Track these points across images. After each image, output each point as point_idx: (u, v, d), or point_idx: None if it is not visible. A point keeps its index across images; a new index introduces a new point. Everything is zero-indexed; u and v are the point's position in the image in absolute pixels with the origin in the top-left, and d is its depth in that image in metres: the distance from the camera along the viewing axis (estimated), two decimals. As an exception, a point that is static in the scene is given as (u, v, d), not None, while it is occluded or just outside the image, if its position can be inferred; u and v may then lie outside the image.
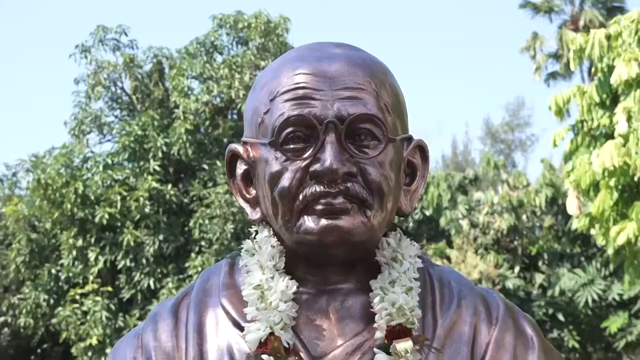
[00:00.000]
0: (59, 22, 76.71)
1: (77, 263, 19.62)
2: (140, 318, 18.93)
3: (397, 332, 1.63)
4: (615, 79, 10.27)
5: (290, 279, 1.68)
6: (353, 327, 1.69)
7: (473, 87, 73.20)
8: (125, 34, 21.50)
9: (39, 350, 23.19)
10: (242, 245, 1.77)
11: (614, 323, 21.19)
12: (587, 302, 21.42)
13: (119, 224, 19.53)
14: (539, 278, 22.57)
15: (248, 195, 1.78)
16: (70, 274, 19.63)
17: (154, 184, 19.52)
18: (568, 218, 21.14)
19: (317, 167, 1.63)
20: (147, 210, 19.33)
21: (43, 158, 20.38)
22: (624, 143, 10.11)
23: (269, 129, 1.68)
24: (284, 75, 1.68)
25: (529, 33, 32.88)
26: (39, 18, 75.08)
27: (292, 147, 1.65)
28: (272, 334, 1.63)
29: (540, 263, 23.21)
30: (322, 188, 1.63)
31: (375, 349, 1.65)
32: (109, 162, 20.35)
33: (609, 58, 10.83)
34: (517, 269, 22.47)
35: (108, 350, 18.56)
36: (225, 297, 1.74)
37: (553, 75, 32.52)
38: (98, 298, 19.09)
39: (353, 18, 76.03)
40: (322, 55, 1.70)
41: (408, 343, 1.63)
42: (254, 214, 1.76)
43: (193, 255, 19.21)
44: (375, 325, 1.66)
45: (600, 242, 11.38)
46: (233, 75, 20.32)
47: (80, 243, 19.57)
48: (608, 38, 10.92)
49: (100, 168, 20.10)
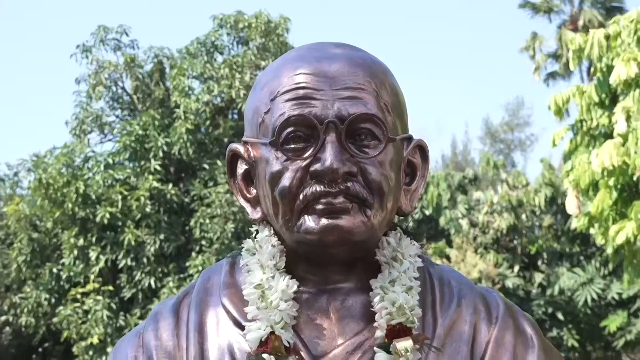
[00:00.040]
0: (61, 22, 76.76)
1: (78, 262, 19.62)
2: (142, 317, 18.93)
3: (397, 331, 1.64)
4: (615, 79, 10.26)
5: (291, 279, 1.69)
6: (354, 326, 1.69)
7: (473, 87, 73.21)
8: (127, 34, 21.53)
9: (41, 350, 23.17)
10: (243, 245, 1.77)
11: (614, 322, 21.13)
12: (586, 301, 21.36)
13: (120, 224, 19.53)
14: (539, 277, 22.52)
15: (249, 195, 1.78)
16: (72, 274, 19.63)
17: (155, 184, 19.52)
18: (567, 218, 21.12)
19: (317, 167, 1.63)
20: (148, 210, 19.33)
21: (44, 158, 20.34)
22: (624, 143, 10.09)
23: (270, 129, 1.68)
24: (285, 76, 1.69)
25: (529, 33, 32.93)
26: (41, 18, 75.14)
27: (292, 147, 1.66)
28: (272, 334, 1.63)
29: (540, 262, 23.15)
30: (322, 188, 1.63)
31: (376, 348, 1.65)
32: (110, 162, 20.35)
33: (609, 58, 10.81)
34: (516, 269, 22.41)
35: (109, 350, 18.56)
36: (227, 296, 1.74)
37: (553, 76, 32.49)
38: (99, 297, 19.08)
39: (353, 18, 76.05)
40: (322, 56, 1.70)
41: (408, 342, 1.63)
42: (255, 214, 1.76)
43: (194, 255, 19.19)
44: (376, 325, 1.66)
45: (600, 241, 11.36)
46: (234, 76, 20.31)
47: (82, 243, 19.57)
48: (607, 38, 10.91)
49: (102, 168, 20.11)
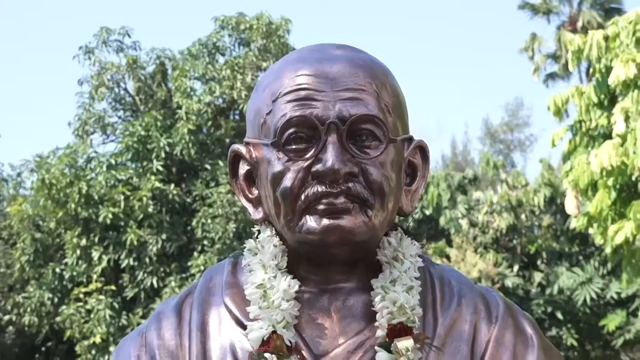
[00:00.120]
0: (63, 23, 76.75)
1: (81, 262, 19.67)
2: (144, 316, 18.97)
3: (398, 330, 1.64)
4: (613, 80, 10.28)
5: (293, 278, 1.69)
6: (354, 325, 1.70)
7: (472, 87, 73.14)
8: (129, 36, 21.59)
9: (44, 349, 23.21)
10: (244, 245, 1.78)
11: (612, 321, 21.11)
12: (585, 300, 21.35)
13: (123, 224, 19.58)
14: (538, 277, 22.51)
15: (251, 195, 1.78)
16: (74, 273, 19.68)
17: (157, 184, 19.56)
18: (566, 217, 21.11)
19: (319, 167, 1.63)
20: (150, 210, 19.38)
21: (47, 158, 20.39)
22: (622, 143, 10.11)
23: (272, 130, 1.68)
24: (286, 77, 1.69)
25: (528, 34, 32.96)
26: (43, 19, 75.11)
27: (294, 147, 1.66)
28: (274, 333, 1.64)
29: (539, 262, 23.12)
30: (323, 188, 1.64)
31: (377, 347, 1.66)
32: (113, 162, 20.40)
33: (607, 59, 10.83)
34: (516, 268, 22.42)
35: (111, 348, 18.61)
36: (228, 295, 1.75)
37: (552, 76, 32.52)
38: (102, 297, 19.13)
39: (353, 19, 76.03)
40: (323, 57, 1.71)
41: (409, 341, 1.64)
42: (257, 214, 1.77)
43: (195, 255, 19.24)
44: (377, 324, 1.67)
45: (599, 241, 11.38)
46: (235, 76, 20.35)
47: (84, 242, 19.62)
48: (606, 39, 10.92)
49: (104, 168, 20.17)
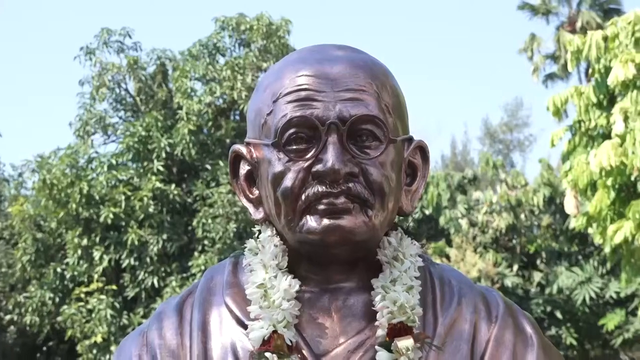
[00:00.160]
0: (64, 24, 76.84)
1: (82, 262, 19.71)
2: (144, 316, 19.01)
3: (398, 330, 1.65)
4: (612, 80, 10.29)
5: (293, 278, 1.70)
6: (355, 325, 1.70)
7: (472, 87, 73.18)
8: (129, 36, 21.61)
9: (45, 348, 23.23)
10: (245, 245, 1.78)
11: (611, 320, 21.16)
12: (584, 300, 21.40)
13: (124, 224, 19.61)
14: (537, 276, 22.54)
15: (251, 195, 1.78)
16: (76, 273, 19.72)
17: (158, 184, 19.60)
18: (566, 217, 21.11)
19: (319, 167, 1.64)
20: (151, 210, 19.42)
21: (48, 159, 20.42)
22: (621, 143, 10.13)
23: (272, 130, 1.69)
24: (287, 77, 1.70)
25: (527, 34, 32.99)
26: (44, 19, 75.19)
27: (294, 147, 1.66)
28: (275, 332, 1.64)
29: (539, 261, 23.14)
30: (324, 188, 1.64)
31: (377, 347, 1.66)
32: (114, 162, 20.43)
33: (606, 59, 10.83)
34: (515, 268, 22.45)
35: (113, 348, 18.65)
36: (229, 295, 1.75)
37: (551, 76, 32.53)
38: (103, 296, 19.17)
39: (353, 19, 76.04)
40: (323, 58, 1.71)
41: (409, 341, 1.64)
42: (257, 214, 1.77)
43: (196, 254, 19.28)
44: (377, 324, 1.67)
45: (598, 240, 11.39)
46: (235, 77, 20.38)
47: (85, 242, 19.66)
48: (605, 39, 10.92)
49: (105, 168, 20.20)
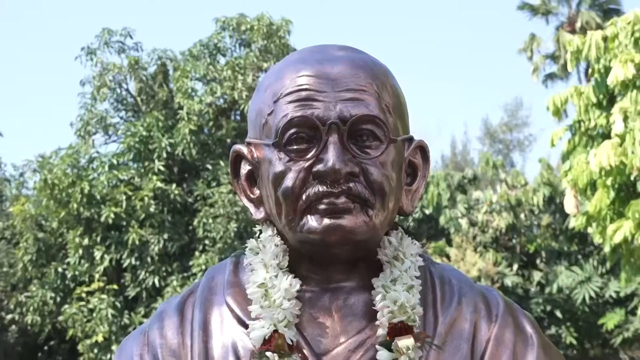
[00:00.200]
0: (65, 24, 76.88)
1: (83, 261, 19.72)
2: (145, 315, 19.03)
3: (398, 329, 1.65)
4: (612, 80, 10.28)
5: (294, 278, 1.70)
6: (355, 324, 1.71)
7: (472, 87, 73.18)
8: (130, 37, 21.61)
9: (46, 348, 23.21)
10: (246, 244, 1.79)
11: (611, 320, 21.19)
12: (584, 299, 21.42)
13: (125, 223, 19.62)
14: (537, 276, 22.55)
15: (252, 195, 1.79)
16: (77, 273, 19.72)
17: (159, 184, 19.60)
18: (565, 217, 21.12)
19: (320, 167, 1.64)
20: (152, 210, 19.42)
21: (50, 158, 20.42)
22: (621, 143, 10.13)
23: (273, 130, 1.69)
24: (287, 77, 1.70)
25: (527, 34, 33.04)
26: (44, 19, 75.22)
27: (295, 147, 1.67)
28: (276, 332, 1.65)
29: (538, 261, 23.15)
30: (325, 188, 1.64)
31: (378, 346, 1.66)
32: (115, 162, 20.43)
33: (606, 59, 10.83)
34: (515, 267, 22.47)
35: (114, 347, 18.67)
36: (230, 295, 1.75)
37: (550, 76, 32.55)
38: (104, 296, 19.17)
39: (353, 19, 76.04)
40: (324, 58, 1.71)
41: (409, 340, 1.65)
42: (258, 214, 1.78)
43: (197, 254, 19.29)
44: (377, 323, 1.68)
45: (597, 240, 11.37)
46: (236, 77, 20.37)
47: (86, 242, 19.66)
48: (604, 39, 10.92)
49: (106, 168, 20.20)
